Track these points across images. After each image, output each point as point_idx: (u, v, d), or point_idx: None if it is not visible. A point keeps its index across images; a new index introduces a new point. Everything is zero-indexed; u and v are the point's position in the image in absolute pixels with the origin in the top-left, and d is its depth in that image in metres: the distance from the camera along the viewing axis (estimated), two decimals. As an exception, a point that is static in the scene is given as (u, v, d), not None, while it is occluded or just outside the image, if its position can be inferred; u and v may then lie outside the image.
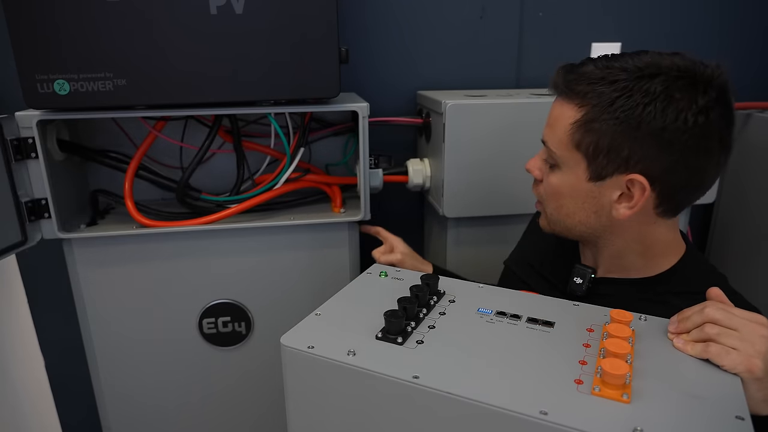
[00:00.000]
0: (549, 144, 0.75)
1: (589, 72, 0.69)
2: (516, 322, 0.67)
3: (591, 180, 0.72)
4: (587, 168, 0.71)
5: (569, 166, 0.73)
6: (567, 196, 0.75)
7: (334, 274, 1.16)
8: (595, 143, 0.69)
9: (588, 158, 0.71)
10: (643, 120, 0.65)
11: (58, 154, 1.05)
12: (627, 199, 0.71)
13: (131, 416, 1.18)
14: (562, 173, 0.75)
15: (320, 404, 0.62)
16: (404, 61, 1.36)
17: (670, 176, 0.68)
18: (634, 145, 0.67)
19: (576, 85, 0.70)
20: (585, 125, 0.69)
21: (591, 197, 0.73)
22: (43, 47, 0.88)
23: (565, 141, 0.72)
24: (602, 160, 0.69)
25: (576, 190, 0.74)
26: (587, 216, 0.75)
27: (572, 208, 0.76)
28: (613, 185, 0.71)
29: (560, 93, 0.73)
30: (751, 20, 1.46)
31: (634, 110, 0.66)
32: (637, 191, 0.69)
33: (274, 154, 1.17)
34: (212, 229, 1.06)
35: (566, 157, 0.73)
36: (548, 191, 0.78)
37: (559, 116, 0.73)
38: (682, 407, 0.51)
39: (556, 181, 0.76)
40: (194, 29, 0.91)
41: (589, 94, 0.69)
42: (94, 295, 1.08)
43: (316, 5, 0.92)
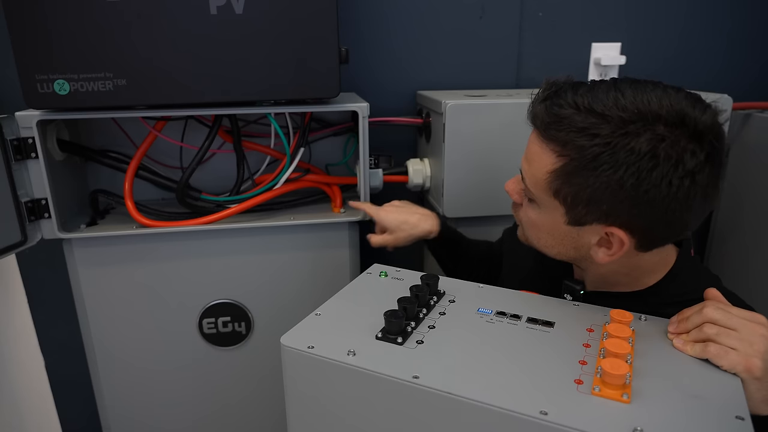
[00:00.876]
0: (527, 180, 0.71)
1: (569, 118, 0.63)
2: (516, 322, 0.67)
3: (569, 224, 0.68)
4: (565, 214, 0.68)
5: (547, 207, 0.70)
6: (545, 232, 0.73)
7: (334, 274, 1.16)
8: (573, 194, 0.65)
9: (566, 206, 0.67)
10: (624, 182, 0.60)
11: (58, 154, 1.05)
12: (606, 245, 0.68)
13: (131, 416, 1.18)
14: (539, 211, 0.71)
15: (320, 404, 0.62)
16: (404, 61, 1.36)
17: (650, 230, 0.65)
18: (614, 202, 0.63)
19: (555, 131, 0.64)
20: (563, 177, 0.65)
21: (570, 237, 0.70)
22: (43, 47, 0.88)
23: (542, 185, 0.68)
24: (581, 210, 0.66)
25: (554, 228, 0.71)
26: (567, 250, 0.73)
27: (551, 242, 0.73)
28: (591, 231, 0.68)
29: (539, 131, 0.68)
30: (751, 20, 1.46)
31: (617, 171, 0.60)
32: (616, 243, 0.66)
33: (274, 154, 1.17)
34: (212, 229, 1.06)
35: (543, 199, 0.69)
36: (526, 221, 0.75)
37: (537, 156, 0.68)
38: (682, 407, 0.51)
39: (534, 217, 0.73)
40: (194, 29, 0.91)
41: (568, 145, 0.63)
42: (94, 295, 1.08)
43: (316, 5, 0.92)
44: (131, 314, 1.11)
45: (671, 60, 1.44)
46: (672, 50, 1.45)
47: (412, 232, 1.00)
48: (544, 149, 0.66)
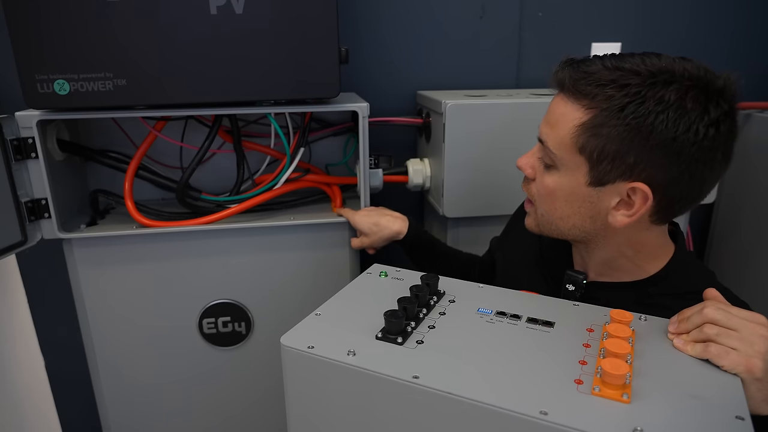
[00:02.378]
0: (548, 143, 0.71)
1: (598, 72, 0.66)
2: (516, 322, 0.67)
3: (590, 185, 0.69)
4: (588, 172, 0.69)
5: (568, 169, 0.70)
6: (562, 199, 0.73)
7: (334, 274, 1.16)
8: (600, 148, 0.66)
9: (591, 162, 0.68)
10: (654, 128, 0.63)
11: (58, 154, 1.05)
12: (625, 207, 0.69)
13: (131, 416, 1.18)
14: (559, 175, 0.72)
15: (320, 404, 0.62)
16: (404, 61, 1.36)
17: (672, 186, 0.67)
18: (642, 153, 0.65)
19: (584, 85, 0.66)
20: (591, 129, 0.66)
21: (588, 202, 0.71)
22: (43, 47, 0.88)
23: (567, 143, 0.69)
24: (606, 166, 0.67)
25: (573, 194, 0.71)
26: (582, 220, 0.73)
27: (567, 212, 0.73)
28: (612, 191, 0.69)
29: (565, 91, 0.69)
30: (752, 21, 1.46)
31: (646, 118, 0.63)
32: (639, 199, 0.68)
33: (274, 154, 1.17)
34: (212, 229, 1.06)
35: (566, 159, 0.70)
36: (542, 192, 0.75)
37: (563, 116, 0.69)
38: (682, 407, 0.51)
39: (552, 183, 0.73)
40: (194, 29, 0.91)
41: (597, 97, 0.65)
42: (94, 295, 1.08)
43: (316, 5, 0.92)
44: (131, 314, 1.11)
45: (671, 60, 1.44)
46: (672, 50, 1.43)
47: (382, 233, 1.08)
48: (572, 106, 0.68)
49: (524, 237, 0.91)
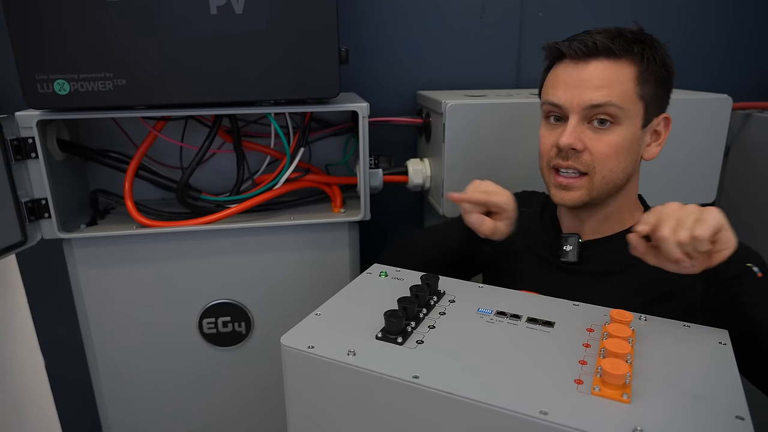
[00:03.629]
0: (613, 101, 0.78)
1: (619, 35, 0.79)
2: (516, 322, 0.67)
3: (642, 127, 0.81)
4: (643, 116, 0.80)
5: (631, 118, 0.80)
6: (625, 150, 0.81)
7: (334, 274, 1.16)
8: (650, 92, 0.80)
9: (646, 106, 0.80)
10: (670, 68, 0.82)
11: (58, 154, 1.05)
12: (654, 139, 0.84)
13: (131, 416, 1.18)
14: (622, 128, 0.80)
15: (320, 404, 0.62)
16: (404, 61, 1.36)
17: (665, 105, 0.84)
18: (667, 89, 0.82)
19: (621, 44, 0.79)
20: (644, 77, 0.79)
21: (639, 144, 0.82)
22: (43, 47, 0.88)
23: (631, 94, 0.79)
24: (652, 107, 0.81)
25: (633, 140, 0.81)
26: (634, 165, 0.83)
27: (627, 161, 0.82)
28: (650, 128, 0.83)
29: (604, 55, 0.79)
30: (752, 21, 1.46)
31: (664, 60, 0.81)
32: (663, 127, 0.84)
33: (274, 154, 1.17)
34: (212, 229, 1.06)
35: (632, 109, 0.79)
36: (605, 152, 0.80)
37: (614, 74, 0.79)
38: (682, 407, 0.51)
39: (618, 138, 0.80)
40: (194, 29, 0.91)
41: (633, 51, 0.79)
42: (94, 295, 1.08)
43: (316, 5, 0.92)
44: (131, 314, 1.11)
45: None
46: (672, 50, 1.44)
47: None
48: (616, 65, 0.79)
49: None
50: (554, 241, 0.88)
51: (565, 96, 0.80)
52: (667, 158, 1.18)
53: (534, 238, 0.93)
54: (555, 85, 0.82)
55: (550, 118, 0.85)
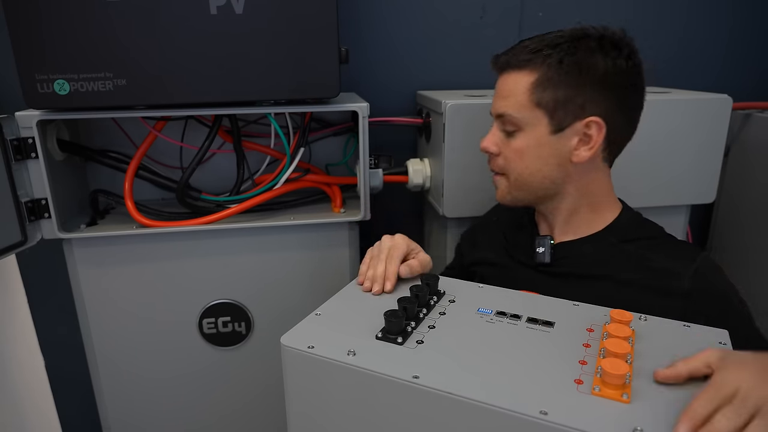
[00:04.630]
0: (509, 111, 0.83)
1: (530, 45, 0.82)
2: (516, 322, 0.67)
3: (552, 133, 0.81)
4: (548, 123, 0.81)
5: (531, 125, 0.82)
6: (532, 155, 0.83)
7: (334, 274, 1.16)
8: (553, 98, 0.79)
9: (549, 113, 0.80)
10: (590, 70, 0.78)
11: (58, 154, 1.05)
12: (584, 143, 0.81)
13: (131, 416, 1.18)
14: (524, 134, 0.83)
15: (320, 404, 0.62)
16: (404, 61, 1.36)
17: (614, 114, 0.80)
18: (587, 93, 0.79)
19: (524, 55, 0.81)
20: (542, 84, 0.80)
21: (553, 149, 0.82)
22: (43, 47, 0.88)
23: (525, 103, 0.81)
24: (561, 112, 0.80)
25: (540, 145, 0.82)
26: (551, 170, 0.83)
27: (537, 165, 0.83)
28: (571, 133, 0.81)
29: (510, 68, 0.84)
30: (752, 20, 1.46)
31: (581, 64, 0.78)
32: (595, 131, 0.80)
33: (274, 154, 1.17)
34: (212, 229, 1.06)
35: (528, 117, 0.81)
36: (512, 156, 0.85)
37: (514, 85, 0.82)
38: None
39: (521, 144, 0.83)
40: (194, 29, 0.91)
41: (537, 59, 0.80)
42: (94, 295, 1.08)
43: (316, 5, 0.93)
44: (131, 314, 1.11)
45: (671, 60, 1.44)
46: (672, 50, 1.45)
47: None
48: (518, 75, 0.82)
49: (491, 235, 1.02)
50: (531, 245, 0.91)
51: (492, 105, 0.88)
52: (667, 158, 1.18)
53: (513, 245, 0.96)
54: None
55: None
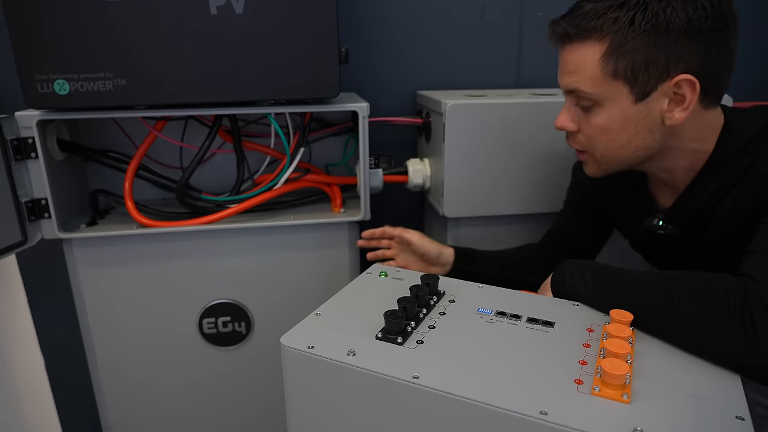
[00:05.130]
0: (581, 87, 0.75)
1: (591, 9, 0.72)
2: (516, 322, 0.67)
3: (637, 102, 0.73)
4: (630, 92, 0.73)
5: (610, 99, 0.74)
6: (617, 129, 0.76)
7: (334, 274, 1.16)
8: (631, 65, 0.71)
9: (629, 82, 0.72)
10: (669, 22, 0.68)
11: (58, 154, 1.05)
12: (677, 103, 0.73)
13: (131, 416, 1.18)
14: (604, 109, 0.76)
15: (320, 404, 0.62)
16: (404, 61, 1.36)
17: (707, 65, 0.71)
18: (669, 49, 0.70)
19: (587, 22, 0.72)
20: (615, 53, 0.71)
21: (642, 118, 0.75)
22: (43, 47, 0.88)
23: (599, 77, 0.73)
24: (643, 78, 0.72)
25: (625, 118, 0.75)
26: (643, 139, 0.76)
27: (626, 137, 0.76)
28: (659, 97, 0.73)
29: (571, 39, 0.75)
30: (752, 20, 1.46)
31: (657, 18, 0.69)
32: (688, 90, 0.72)
33: (274, 154, 1.17)
34: (212, 229, 1.06)
35: (605, 91, 0.74)
36: (594, 133, 0.78)
37: (580, 59, 0.74)
38: (682, 407, 0.51)
39: (602, 120, 0.76)
40: (194, 29, 0.91)
41: (604, 26, 0.71)
42: (94, 295, 1.08)
43: (316, 5, 0.92)
44: (131, 314, 1.11)
45: (671, 60, 1.44)
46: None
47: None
48: (583, 47, 0.74)
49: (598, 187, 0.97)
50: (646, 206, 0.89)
51: (559, 80, 0.81)
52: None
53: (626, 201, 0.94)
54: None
55: None
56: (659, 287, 0.66)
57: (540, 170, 1.16)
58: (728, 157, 0.77)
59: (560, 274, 0.77)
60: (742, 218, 0.75)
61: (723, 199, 0.78)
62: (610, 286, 0.70)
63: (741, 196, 0.75)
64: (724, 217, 0.78)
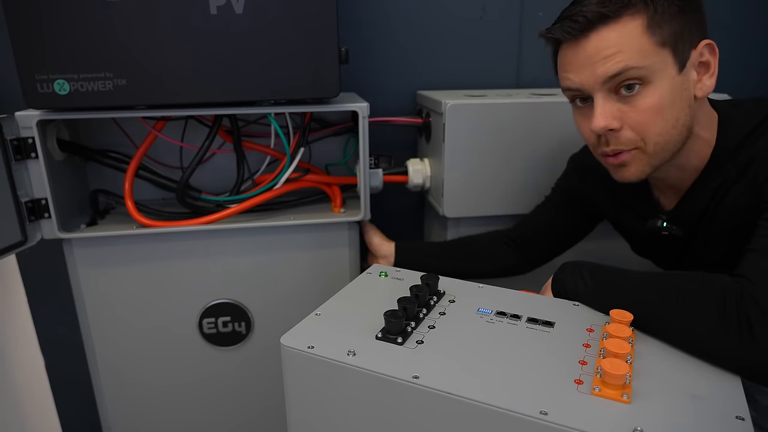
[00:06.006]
0: (630, 64, 0.71)
1: None
2: (516, 322, 0.67)
3: (679, 72, 0.73)
4: (674, 61, 0.72)
5: (660, 71, 0.72)
6: (668, 105, 0.73)
7: (334, 274, 1.16)
8: (673, 31, 0.71)
9: (673, 49, 0.72)
10: None
11: (58, 154, 1.05)
12: (704, 72, 0.75)
13: (131, 416, 1.18)
14: (653, 86, 0.72)
15: (320, 404, 0.62)
16: (404, 61, 1.36)
17: (705, 30, 0.75)
18: (692, 16, 0.73)
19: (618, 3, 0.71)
20: (657, 22, 0.70)
21: (683, 89, 0.74)
22: (43, 47, 0.88)
23: (648, 47, 0.71)
24: (681, 45, 0.72)
25: (673, 91, 0.73)
26: (686, 114, 0.75)
27: (675, 114, 0.74)
28: (690, 67, 0.74)
29: (604, 21, 0.71)
30: (752, 20, 1.46)
31: None
32: (710, 56, 0.74)
33: (274, 154, 1.17)
34: (212, 229, 1.06)
35: (656, 62, 0.71)
36: (646, 117, 0.73)
37: (621, 37, 0.71)
38: (682, 407, 0.52)
39: (654, 98, 0.72)
40: (194, 29, 0.91)
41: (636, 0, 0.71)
42: (94, 295, 1.08)
43: (316, 5, 0.92)
44: (131, 314, 1.11)
45: (671, 60, 1.44)
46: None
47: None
48: (617, 26, 0.71)
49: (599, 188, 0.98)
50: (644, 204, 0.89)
51: (579, 77, 0.75)
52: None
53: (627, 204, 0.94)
54: (566, 69, 0.77)
55: (576, 101, 0.80)
56: (658, 288, 0.66)
57: (540, 170, 1.17)
58: (728, 154, 0.77)
59: (560, 274, 0.77)
60: (745, 213, 0.75)
61: (725, 196, 0.78)
62: (609, 286, 0.71)
63: (742, 192, 0.75)
64: (727, 215, 0.78)
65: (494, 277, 1.14)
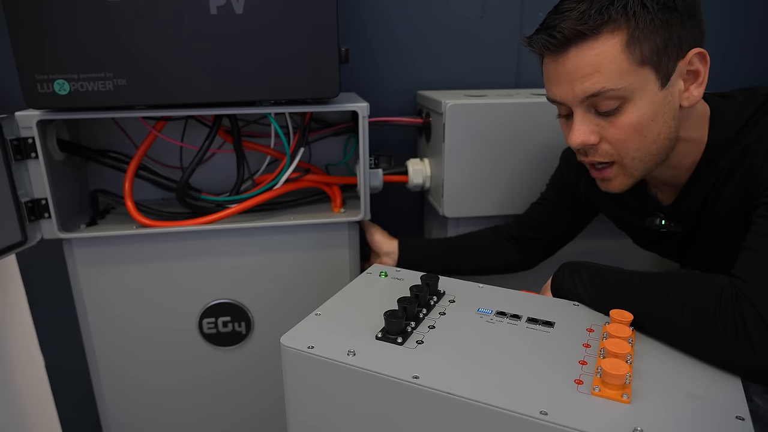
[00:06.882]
0: (608, 86, 0.70)
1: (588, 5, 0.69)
2: (516, 322, 0.67)
3: (662, 87, 0.72)
4: (656, 77, 0.71)
5: (640, 89, 0.71)
6: (648, 122, 0.72)
7: (334, 274, 1.16)
8: (654, 47, 0.69)
9: (655, 66, 0.70)
10: (674, 3, 0.70)
11: (58, 154, 1.05)
12: (692, 81, 0.74)
13: (131, 416, 1.18)
14: (634, 104, 0.71)
15: (320, 404, 0.62)
16: (404, 61, 1.36)
17: (701, 36, 0.74)
18: (679, 25, 0.70)
19: (598, 18, 0.69)
20: (637, 39, 0.69)
21: (667, 104, 0.73)
22: (43, 47, 0.88)
23: (626, 67, 0.69)
24: (664, 60, 0.70)
25: (655, 108, 0.72)
26: (669, 127, 0.74)
27: (657, 130, 0.73)
28: (676, 79, 0.73)
29: (581, 38, 0.70)
30: (752, 21, 1.46)
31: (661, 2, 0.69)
32: (700, 65, 0.73)
33: (274, 154, 1.17)
34: (212, 229, 1.06)
35: (636, 81, 0.70)
36: (624, 135, 0.73)
37: (598, 56, 0.70)
38: (682, 407, 0.52)
39: (633, 117, 0.72)
40: (194, 29, 0.91)
41: (617, 14, 0.69)
42: (94, 295, 1.08)
43: (316, 5, 0.92)
44: (131, 314, 1.11)
45: (671, 60, 1.44)
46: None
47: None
48: (596, 44, 0.70)
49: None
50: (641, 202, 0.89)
51: (560, 92, 0.75)
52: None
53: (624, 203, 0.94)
54: (548, 80, 0.78)
55: (561, 113, 0.81)
56: (655, 288, 0.66)
57: (540, 170, 1.16)
58: (721, 149, 0.77)
59: (559, 275, 0.77)
60: (742, 206, 0.75)
61: (721, 192, 0.78)
62: (607, 287, 0.71)
63: (736, 187, 0.75)
64: (725, 210, 0.78)
65: (500, 273, 1.15)
